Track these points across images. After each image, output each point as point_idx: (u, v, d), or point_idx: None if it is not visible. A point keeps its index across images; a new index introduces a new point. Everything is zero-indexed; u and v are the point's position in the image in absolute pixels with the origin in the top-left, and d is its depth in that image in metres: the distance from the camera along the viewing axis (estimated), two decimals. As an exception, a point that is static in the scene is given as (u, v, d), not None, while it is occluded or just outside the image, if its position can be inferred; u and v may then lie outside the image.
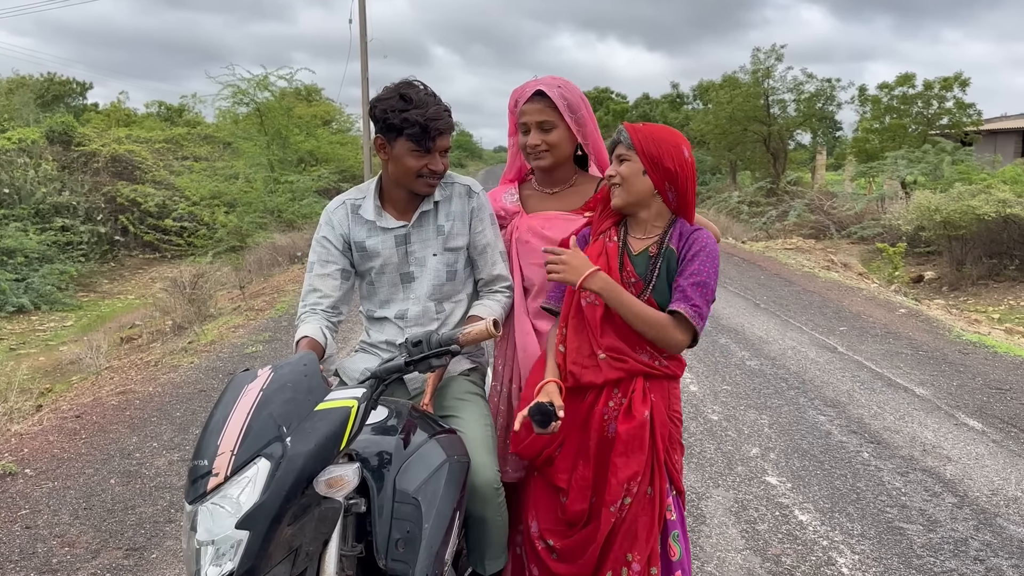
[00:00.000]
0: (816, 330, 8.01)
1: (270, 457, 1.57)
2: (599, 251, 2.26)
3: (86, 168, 22.72)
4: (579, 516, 2.17)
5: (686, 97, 40.59)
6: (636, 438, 2.13)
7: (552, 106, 2.48)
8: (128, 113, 38.92)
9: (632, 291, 2.19)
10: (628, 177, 2.19)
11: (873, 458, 4.63)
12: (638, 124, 2.25)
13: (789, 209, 21.05)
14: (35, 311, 15.32)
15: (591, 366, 2.19)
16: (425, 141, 2.33)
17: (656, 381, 2.21)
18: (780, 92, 27.69)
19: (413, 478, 1.88)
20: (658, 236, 2.24)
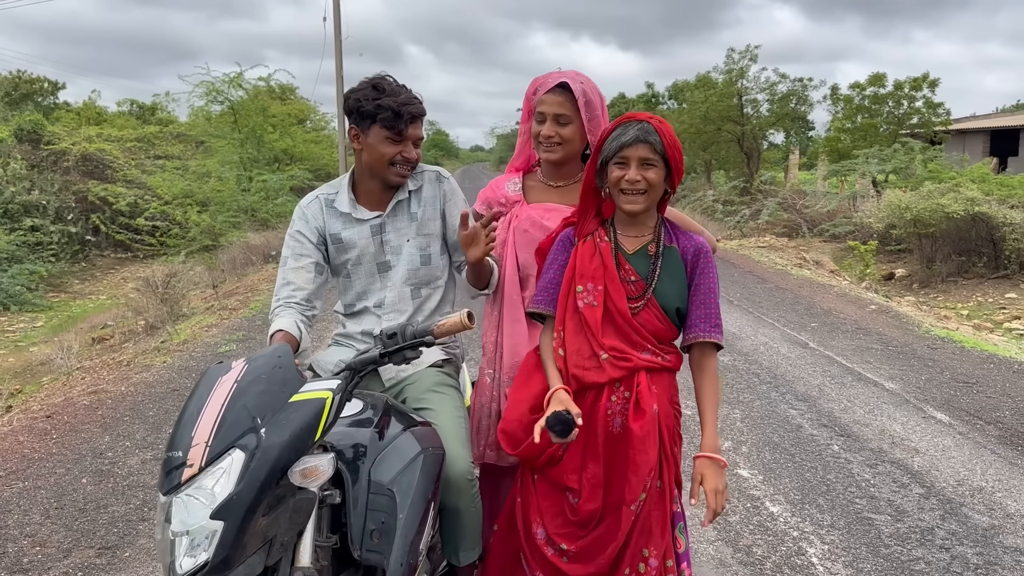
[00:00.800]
0: (788, 326, 8.11)
1: (244, 448, 1.59)
2: (591, 252, 2.23)
3: (56, 167, 22.44)
4: (592, 516, 2.14)
5: (661, 97, 40.78)
6: (650, 433, 2.12)
7: (572, 100, 2.48)
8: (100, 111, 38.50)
9: (631, 289, 2.18)
10: (656, 184, 2.14)
11: (843, 451, 4.70)
12: (654, 119, 2.15)
13: (762, 208, 21.24)
14: (4, 312, 15.12)
15: (593, 367, 2.16)
16: (398, 125, 2.37)
17: (658, 374, 2.21)
18: (754, 92, 27.91)
19: (388, 470, 1.90)
20: (652, 234, 2.23)
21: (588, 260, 2.22)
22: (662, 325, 2.19)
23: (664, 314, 2.19)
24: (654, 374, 2.19)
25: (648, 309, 2.18)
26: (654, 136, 2.09)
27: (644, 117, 2.14)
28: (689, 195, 25.89)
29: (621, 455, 2.13)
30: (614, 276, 2.18)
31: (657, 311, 2.18)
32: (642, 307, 2.18)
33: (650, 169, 2.11)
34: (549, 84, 2.52)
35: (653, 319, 2.18)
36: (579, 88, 2.49)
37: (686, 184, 30.91)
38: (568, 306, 2.23)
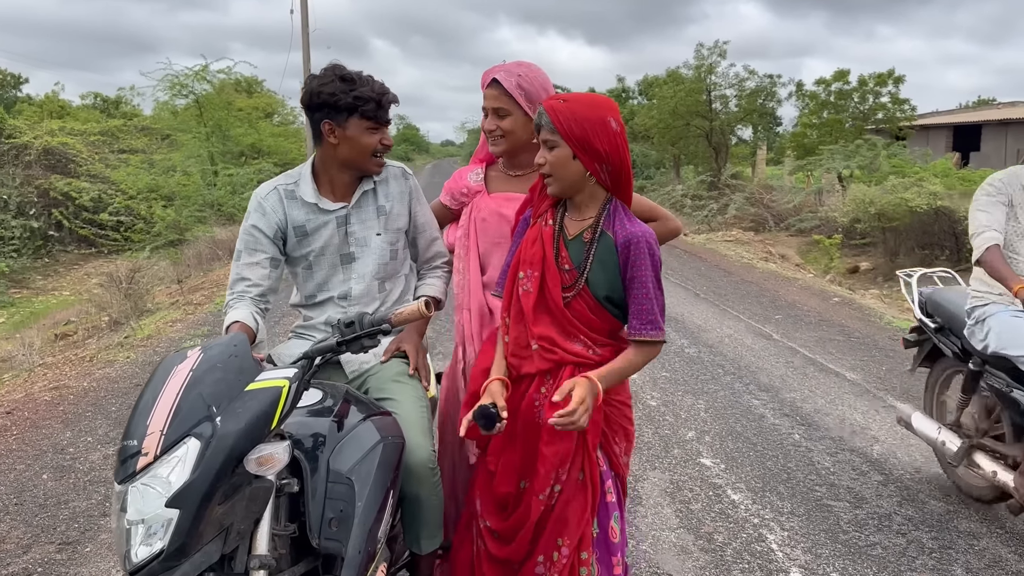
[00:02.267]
0: (753, 318, 8.20)
1: (200, 436, 1.59)
2: (535, 236, 2.21)
3: (17, 161, 22.02)
4: (506, 499, 2.17)
5: (631, 92, 40.95)
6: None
7: (507, 93, 2.48)
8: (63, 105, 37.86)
9: (567, 277, 2.15)
10: (558, 166, 2.10)
11: (804, 439, 4.77)
12: (557, 101, 2.12)
13: (730, 202, 21.43)
14: (-34, 308, 14.85)
15: (527, 356, 2.16)
16: (381, 114, 2.40)
17: (589, 368, 2.13)
18: (722, 88, 28.12)
19: (347, 458, 1.90)
20: (593, 219, 2.16)
21: (531, 245, 2.21)
22: (594, 316, 2.15)
23: (596, 303, 2.14)
24: (584, 368, 2.13)
25: (580, 298, 2.14)
26: (544, 117, 2.09)
27: (545, 100, 2.16)
28: (658, 189, 26.04)
29: (538, 445, 2.15)
30: (551, 263, 2.16)
31: (590, 301, 2.14)
32: (574, 296, 2.14)
33: (552, 150, 2.09)
34: (487, 79, 2.54)
35: (586, 309, 2.15)
36: (513, 81, 2.49)
37: (656, 179, 31.11)
38: (513, 292, 2.23)
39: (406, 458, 2.15)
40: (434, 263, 2.74)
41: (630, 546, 3.50)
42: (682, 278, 10.66)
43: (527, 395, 2.18)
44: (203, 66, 20.54)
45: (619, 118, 2.16)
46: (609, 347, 2.19)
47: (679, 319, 8.11)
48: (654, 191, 25.92)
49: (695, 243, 15.17)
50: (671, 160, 32.28)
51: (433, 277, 2.72)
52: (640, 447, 4.63)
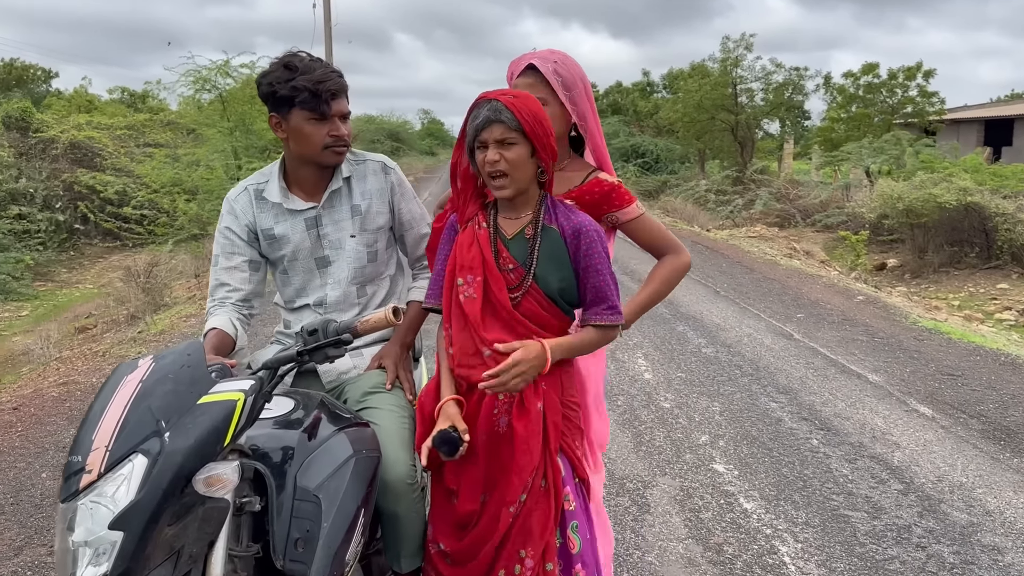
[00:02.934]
0: (774, 317, 8.01)
1: (147, 453, 1.48)
2: (470, 241, 2.10)
3: (44, 155, 22.25)
4: (469, 517, 2.05)
5: (656, 86, 40.61)
6: (534, 434, 2.01)
7: (544, 81, 2.34)
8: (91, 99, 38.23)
9: (511, 278, 2.05)
10: (518, 165, 1.98)
11: (822, 445, 4.61)
12: (510, 97, 1.99)
13: (755, 198, 21.15)
14: (-11, 301, 14.98)
15: (478, 364, 2.03)
16: (320, 106, 2.23)
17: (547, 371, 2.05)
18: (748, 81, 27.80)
19: (315, 474, 1.78)
20: (531, 215, 2.08)
21: (467, 249, 2.10)
22: (547, 313, 2.06)
23: (548, 300, 2.05)
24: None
25: (529, 297, 2.04)
26: (506, 113, 1.95)
27: (494, 95, 2.00)
28: (682, 184, 25.77)
29: (505, 455, 2.03)
30: (492, 265, 2.05)
31: (540, 298, 2.05)
32: (522, 296, 2.04)
33: (510, 148, 1.97)
34: (520, 67, 2.39)
35: (536, 307, 2.05)
36: (550, 68, 2.35)
37: (680, 173, 30.82)
38: (452, 301, 2.11)
39: (383, 473, 2.02)
40: (425, 262, 2.60)
41: (634, 557, 3.37)
42: (702, 275, 10.47)
43: (484, 404, 2.06)
44: (225, 61, 20.56)
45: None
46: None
47: (697, 317, 7.95)
48: (678, 186, 25.65)
49: (717, 239, 14.94)
50: (696, 154, 31.98)
51: (424, 279, 2.59)
52: (651, 451, 4.49)
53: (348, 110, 2.34)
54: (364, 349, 2.44)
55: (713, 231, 16.73)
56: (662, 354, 6.55)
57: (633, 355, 6.50)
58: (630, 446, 4.56)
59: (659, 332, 7.31)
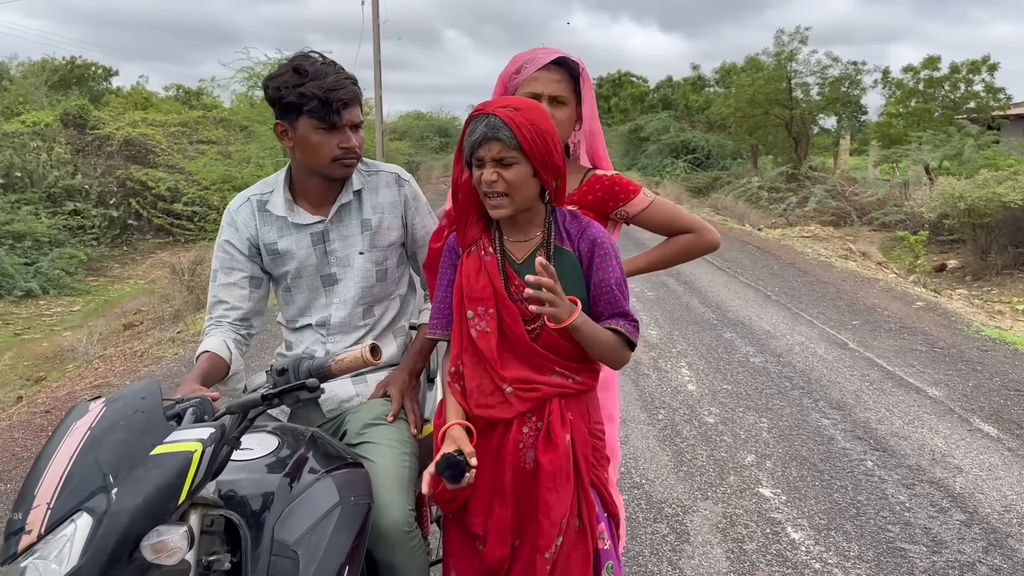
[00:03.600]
0: (827, 324, 7.67)
1: (92, 512, 1.31)
2: (476, 268, 1.89)
3: (100, 151, 22.65)
4: (500, 564, 1.85)
5: (708, 80, 39.93)
6: (562, 470, 1.82)
7: (572, 80, 2.18)
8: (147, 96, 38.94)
9: (526, 309, 1.81)
10: (518, 185, 1.78)
11: (877, 467, 4.31)
12: (506, 108, 1.77)
13: (810, 195, 20.59)
14: (43, 295, 15.23)
15: (498, 403, 1.86)
16: (329, 116, 2.04)
17: (572, 399, 1.90)
18: (803, 75, 27.13)
19: (295, 526, 1.60)
20: (540, 236, 1.88)
21: (475, 278, 1.89)
22: (568, 344, 1.86)
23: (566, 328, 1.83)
24: (568, 399, 1.89)
25: (548, 328, 1.84)
26: (504, 131, 1.74)
27: (491, 109, 1.78)
28: (733, 181, 25.24)
29: (534, 494, 1.83)
30: (504, 296, 1.85)
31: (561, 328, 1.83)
32: (540, 327, 1.85)
33: (509, 168, 1.77)
34: (541, 60, 2.18)
35: (556, 337, 1.85)
36: (580, 66, 2.19)
37: (732, 170, 30.22)
38: (463, 336, 1.91)
39: (377, 520, 1.83)
40: None
41: (671, 593, 3.15)
42: (752, 278, 10.14)
43: (509, 439, 1.87)
44: (277, 60, 20.69)
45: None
46: (587, 372, 1.93)
47: (746, 324, 7.64)
48: (729, 183, 25.15)
49: (769, 239, 14.52)
50: (748, 151, 31.36)
51: None
52: (692, 472, 4.24)
53: (360, 119, 2.15)
54: (369, 375, 2.25)
55: (765, 230, 16.29)
56: (707, 363, 6.28)
57: (677, 364, 6.25)
58: (670, 466, 4.32)
59: (705, 339, 7.03)
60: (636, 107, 45.10)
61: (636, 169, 33.61)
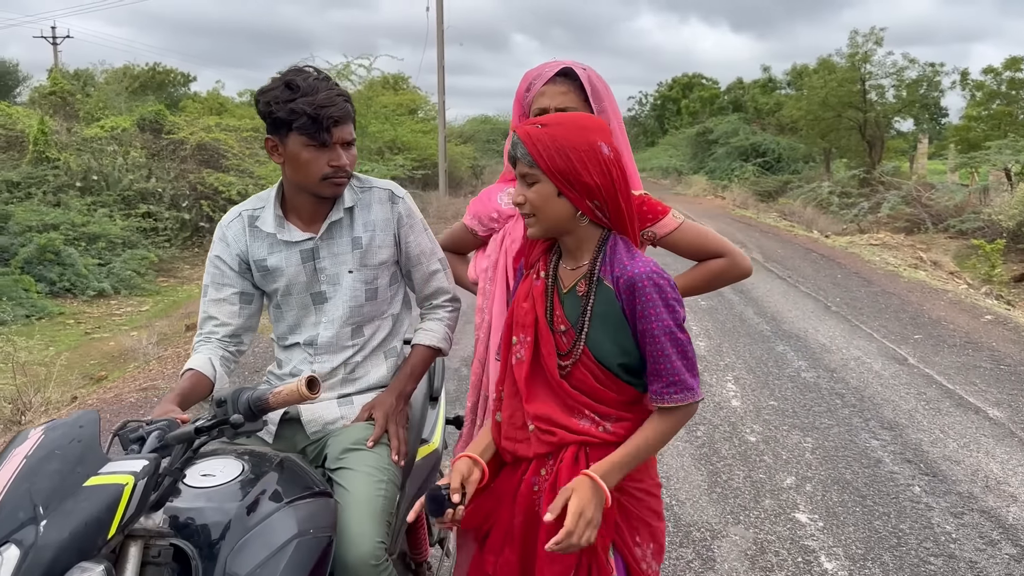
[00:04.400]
0: (888, 337, 7.36)
1: (20, 544, 1.29)
2: (526, 292, 1.82)
3: (174, 156, 23.30)
4: None
5: (779, 82, 39.12)
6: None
7: (580, 90, 2.12)
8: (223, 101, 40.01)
9: (563, 341, 1.75)
10: (540, 205, 1.71)
11: (925, 494, 4.09)
12: (534, 127, 1.72)
13: (883, 201, 19.94)
14: (115, 295, 15.72)
15: (523, 439, 1.78)
16: (319, 133, 2.00)
17: (600, 448, 1.74)
18: (878, 77, 26.35)
19: (248, 559, 1.55)
20: (587, 265, 1.76)
21: (522, 302, 1.82)
22: (603, 387, 1.73)
23: (605, 371, 1.73)
24: (594, 448, 1.73)
25: (582, 365, 1.73)
26: (520, 148, 1.70)
27: (520, 125, 1.74)
28: (803, 186, 24.62)
29: (540, 543, 1.71)
30: (544, 325, 1.76)
31: (593, 367, 1.73)
32: (573, 364, 1.73)
33: (531, 186, 1.71)
34: (547, 74, 2.14)
35: (589, 378, 1.73)
36: (584, 75, 2.11)
37: (803, 174, 29.50)
38: (507, 362, 1.84)
39: (343, 552, 1.78)
40: (434, 301, 2.36)
41: (688, 623, 3.02)
42: (814, 287, 9.82)
43: (524, 480, 1.79)
44: (344, 64, 21.05)
45: (611, 142, 1.74)
46: (627, 421, 1.76)
47: (801, 336, 7.39)
48: (798, 187, 24.55)
49: (835, 246, 14.08)
50: (821, 154, 30.60)
51: (433, 320, 2.35)
52: (726, 494, 4.09)
53: (352, 137, 2.11)
54: (355, 396, 2.21)
55: (832, 237, 15.81)
56: (755, 378, 6.08)
57: (723, 378, 6.07)
58: (703, 486, 4.18)
59: (755, 352, 6.82)
60: (705, 109, 44.48)
61: (704, 172, 33.13)
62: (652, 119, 60.82)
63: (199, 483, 1.66)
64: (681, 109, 51.48)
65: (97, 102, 27.16)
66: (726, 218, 18.97)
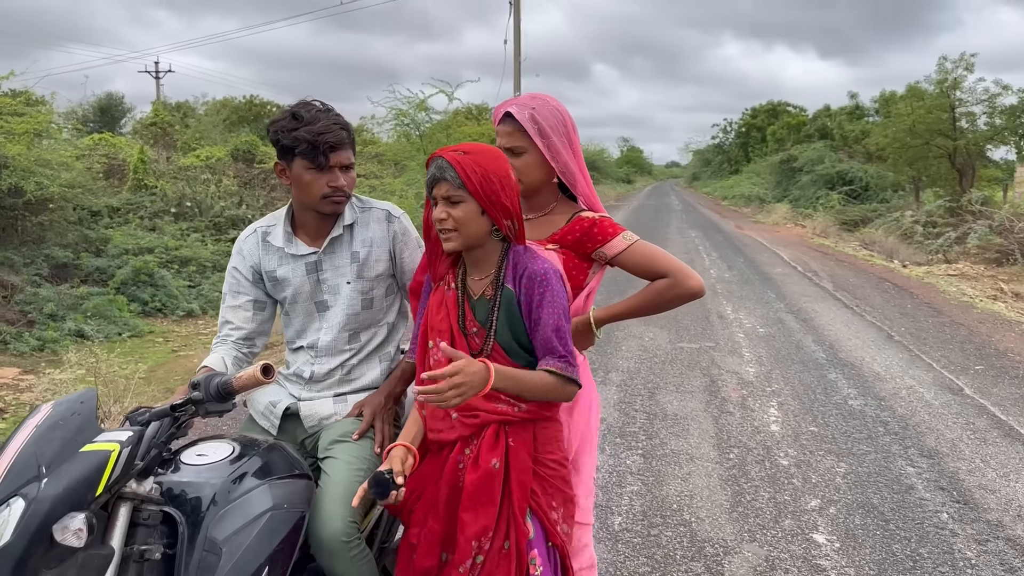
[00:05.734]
0: (947, 368, 7.23)
1: (25, 497, 1.56)
2: (439, 302, 2.12)
3: (264, 184, 24.35)
4: (427, 573, 2.00)
5: (867, 109, 38.29)
6: (484, 489, 1.96)
7: (521, 129, 2.33)
8: (314, 132, 41.53)
9: (476, 342, 2.05)
10: (465, 222, 1.97)
11: (952, 520, 4.08)
12: (458, 154, 1.97)
13: (969, 231, 19.30)
14: (202, 315, 16.49)
15: (446, 427, 2.05)
16: (317, 157, 2.29)
17: (517, 426, 2.03)
18: (969, 104, 25.58)
19: (226, 526, 1.80)
20: (493, 273, 2.06)
21: (436, 311, 2.11)
22: None
23: (509, 361, 2.02)
24: (513, 427, 2.02)
25: (493, 359, 1.99)
26: (449, 171, 1.95)
27: (444, 151, 2.00)
28: (886, 215, 24.03)
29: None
30: (457, 330, 2.06)
31: (504, 360, 2.01)
32: (486, 357, 2.00)
33: (456, 206, 1.96)
34: (497, 116, 2.39)
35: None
36: (526, 115, 2.32)
37: (892, 203, 28.75)
38: (425, 362, 2.13)
39: (318, 529, 2.03)
40: None
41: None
42: (879, 316, 9.67)
43: (449, 459, 2.05)
44: (422, 100, 21.75)
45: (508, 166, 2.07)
46: (534, 401, 2.04)
47: (856, 365, 7.33)
48: (880, 216, 23.97)
49: (911, 276, 13.76)
50: (909, 182, 29.77)
51: None
52: (747, 514, 4.17)
53: (350, 161, 2.39)
54: (349, 395, 2.46)
55: (910, 267, 15.43)
56: (800, 404, 6.09)
57: (766, 403, 6.10)
58: (725, 506, 4.26)
59: (805, 379, 6.81)
60: (791, 137, 43.83)
61: (787, 201, 32.60)
62: (736, 147, 60.18)
63: (193, 461, 1.93)
64: (766, 137, 50.82)
65: (194, 133, 28.64)
66: (802, 246, 18.69)
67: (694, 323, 9.13)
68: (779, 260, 15.75)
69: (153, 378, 10.18)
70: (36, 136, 12.83)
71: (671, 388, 6.49)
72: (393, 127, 22.27)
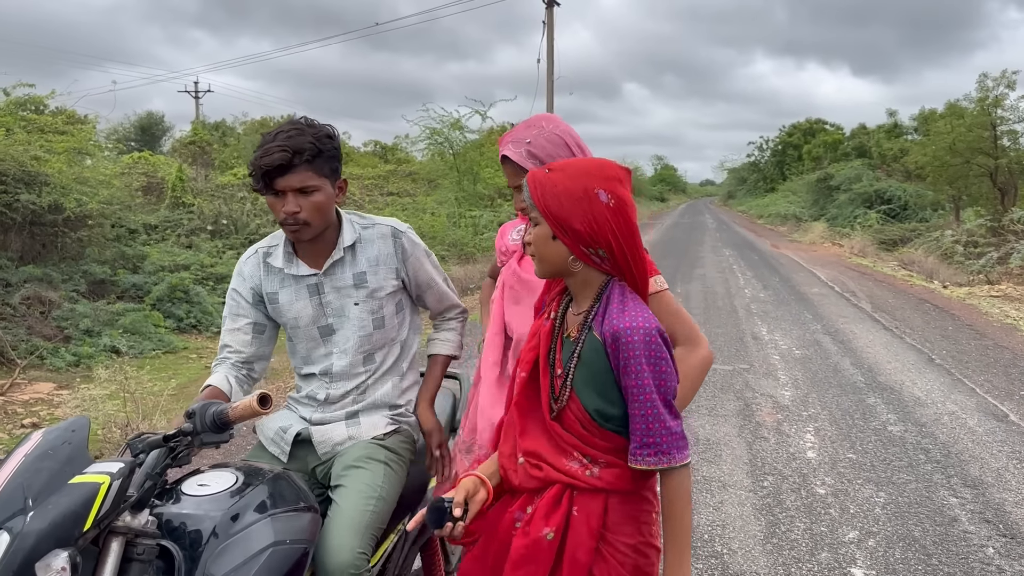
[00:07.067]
0: (991, 393, 7.00)
1: (10, 531, 1.50)
2: (534, 332, 1.90)
3: (301, 203, 24.62)
4: None
5: (905, 127, 37.76)
6: (529, 560, 1.73)
7: (520, 169, 2.24)
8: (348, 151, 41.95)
9: (557, 384, 1.80)
10: (539, 246, 1.78)
11: (998, 555, 3.91)
12: (540, 172, 1.78)
13: (1012, 251, 18.86)
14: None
15: (512, 469, 1.84)
16: (259, 183, 2.19)
17: (587, 495, 1.75)
18: (1011, 122, 25.12)
19: (225, 562, 1.72)
20: (585, 312, 1.79)
21: (530, 340, 1.92)
22: (588, 432, 1.76)
23: (588, 417, 1.75)
24: (581, 493, 1.75)
25: (570, 410, 1.77)
26: (526, 191, 1.78)
27: (531, 171, 1.82)
28: (925, 234, 23.61)
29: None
30: (544, 365, 1.83)
31: (580, 414, 1.76)
32: (562, 407, 1.78)
33: (536, 227, 1.79)
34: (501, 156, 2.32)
35: (576, 423, 1.76)
36: (522, 152, 2.25)
37: (932, 222, 28.27)
38: (511, 393, 1.95)
39: (325, 561, 1.96)
40: (448, 315, 2.63)
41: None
42: (920, 339, 9.43)
43: (508, 512, 1.84)
44: (456, 120, 21.86)
45: (616, 188, 1.74)
46: (616, 468, 1.75)
47: (895, 389, 7.13)
48: (919, 236, 23.56)
49: (952, 297, 13.44)
50: (950, 201, 29.26)
51: (446, 331, 2.63)
52: (782, 546, 4.02)
53: (303, 184, 2.18)
54: (363, 418, 2.39)
55: (951, 288, 15.08)
56: (837, 430, 5.92)
57: (802, 429, 5.94)
58: (759, 537, 4.12)
59: (843, 403, 6.63)
60: (828, 155, 43.33)
61: (824, 219, 32.19)
62: (772, 165, 59.66)
63: (194, 491, 1.86)
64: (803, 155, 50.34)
65: (232, 151, 28.99)
66: (839, 266, 18.38)
67: (728, 344, 8.97)
68: (816, 280, 15.49)
69: (183, 394, 10.22)
70: (77, 154, 13.03)
71: (703, 412, 6.35)
72: (427, 146, 22.33)
